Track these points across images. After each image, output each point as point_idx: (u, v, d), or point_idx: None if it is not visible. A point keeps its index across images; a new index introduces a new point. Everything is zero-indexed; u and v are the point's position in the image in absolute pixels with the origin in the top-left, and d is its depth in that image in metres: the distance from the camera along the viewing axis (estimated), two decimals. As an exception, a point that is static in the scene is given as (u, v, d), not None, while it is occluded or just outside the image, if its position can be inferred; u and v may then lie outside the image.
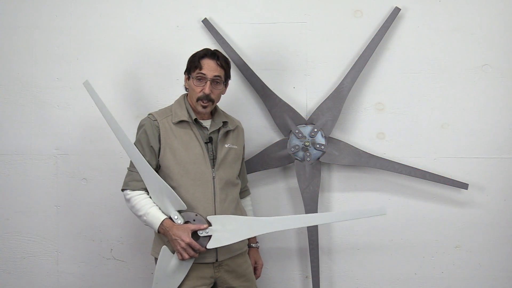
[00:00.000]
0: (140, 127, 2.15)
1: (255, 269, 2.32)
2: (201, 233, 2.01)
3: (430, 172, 2.53)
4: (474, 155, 2.59)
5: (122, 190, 2.12)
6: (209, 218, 2.03)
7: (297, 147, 2.52)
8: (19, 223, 2.69)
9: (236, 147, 2.19)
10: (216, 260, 2.08)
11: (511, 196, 2.59)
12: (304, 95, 2.61)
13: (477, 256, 2.61)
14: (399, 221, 2.61)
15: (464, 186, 2.53)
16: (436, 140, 2.59)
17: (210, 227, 2.02)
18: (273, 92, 2.54)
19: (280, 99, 2.54)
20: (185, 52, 2.60)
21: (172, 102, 2.61)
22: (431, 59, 2.59)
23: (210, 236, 2.02)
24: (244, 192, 2.37)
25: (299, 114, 2.55)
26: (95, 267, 2.69)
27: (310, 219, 2.16)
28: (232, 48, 2.56)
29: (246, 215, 2.24)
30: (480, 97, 2.58)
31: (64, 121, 2.67)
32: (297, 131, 2.52)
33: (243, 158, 2.30)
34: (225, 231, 2.02)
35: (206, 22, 2.59)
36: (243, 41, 2.61)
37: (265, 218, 2.08)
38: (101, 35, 2.65)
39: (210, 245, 2.01)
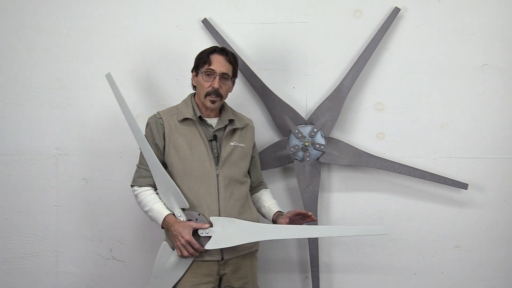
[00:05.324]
0: (146, 125, 2.18)
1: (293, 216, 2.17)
2: (202, 233, 2.02)
3: (430, 172, 2.53)
4: (474, 155, 2.59)
5: (131, 186, 2.17)
6: (212, 219, 2.04)
7: (296, 147, 2.52)
8: (19, 223, 2.69)
9: (243, 145, 2.18)
10: (222, 259, 2.09)
11: (511, 196, 2.59)
12: (304, 95, 2.61)
13: (477, 256, 2.61)
14: (399, 221, 2.61)
15: (464, 186, 2.53)
16: (436, 140, 2.59)
17: (211, 228, 2.03)
18: (273, 92, 2.54)
19: (280, 99, 2.54)
20: (185, 52, 2.62)
21: (172, 102, 2.62)
22: (431, 59, 2.59)
23: (210, 237, 2.02)
24: (259, 186, 2.35)
25: (299, 114, 2.55)
26: (95, 267, 2.69)
27: (312, 231, 2.13)
28: (232, 48, 2.56)
29: (255, 212, 2.21)
30: (480, 97, 2.58)
31: (64, 121, 2.67)
32: (296, 131, 2.52)
33: (253, 156, 2.29)
34: (224, 233, 2.02)
35: (206, 22, 2.59)
36: (243, 41, 2.61)
37: (267, 225, 2.08)
38: (101, 35, 2.65)
39: (209, 245, 2.01)
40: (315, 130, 2.51)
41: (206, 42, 2.61)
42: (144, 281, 2.67)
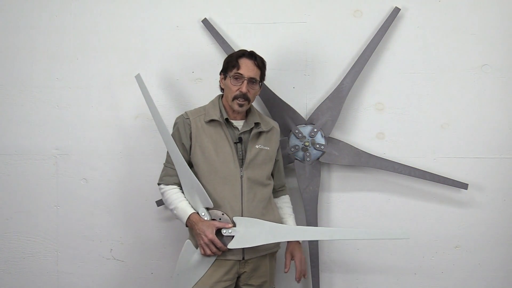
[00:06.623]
0: (174, 125, 2.21)
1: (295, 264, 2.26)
2: (225, 232, 2.06)
3: (430, 172, 2.53)
4: (474, 155, 2.59)
5: (158, 184, 2.20)
6: (235, 219, 2.07)
7: (297, 147, 2.52)
8: (19, 223, 2.69)
9: (268, 148, 2.20)
10: (243, 258, 2.11)
11: (511, 196, 2.59)
12: (304, 95, 2.61)
13: (477, 256, 2.61)
14: (399, 221, 2.61)
15: (464, 186, 2.53)
16: (436, 140, 2.59)
17: (234, 228, 2.06)
18: (273, 92, 2.54)
19: (280, 99, 2.54)
20: (185, 52, 2.62)
21: (172, 102, 2.62)
22: (431, 59, 2.59)
23: (233, 236, 2.06)
24: (281, 191, 2.37)
25: (299, 114, 2.55)
26: (95, 267, 2.69)
27: (332, 233, 2.16)
28: (232, 48, 2.56)
29: (277, 214, 2.23)
30: (480, 97, 2.58)
31: (64, 121, 2.67)
32: (296, 131, 2.52)
33: (277, 160, 2.31)
34: (247, 233, 2.05)
35: (206, 22, 2.59)
36: (243, 41, 2.60)
37: (289, 226, 2.13)
38: (101, 35, 2.65)
39: (231, 245, 2.05)
40: (315, 130, 2.51)
41: (206, 42, 2.61)
42: (144, 281, 2.67)
